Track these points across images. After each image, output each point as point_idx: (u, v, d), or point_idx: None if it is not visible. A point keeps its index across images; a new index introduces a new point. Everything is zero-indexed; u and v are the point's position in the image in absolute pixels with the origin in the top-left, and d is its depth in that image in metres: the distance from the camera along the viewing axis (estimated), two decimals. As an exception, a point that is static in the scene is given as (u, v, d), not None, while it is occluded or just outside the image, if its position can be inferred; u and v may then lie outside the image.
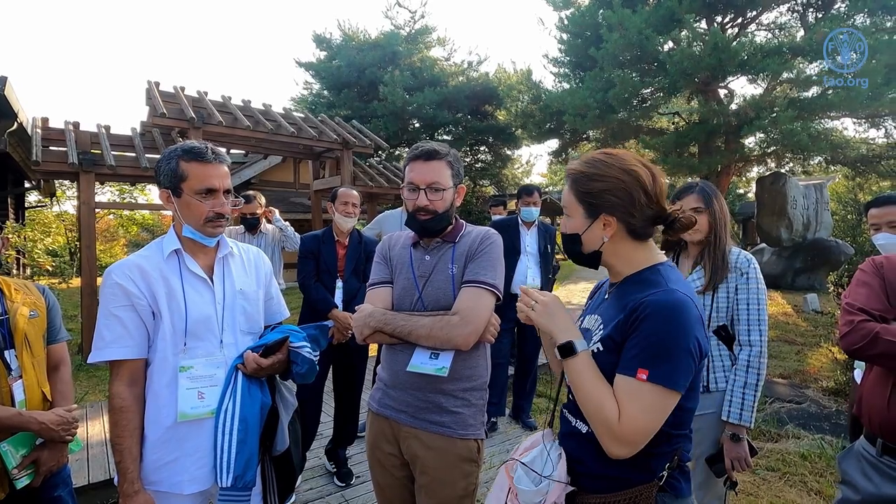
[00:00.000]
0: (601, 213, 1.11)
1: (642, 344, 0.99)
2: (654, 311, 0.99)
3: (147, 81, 6.55)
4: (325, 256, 3.02)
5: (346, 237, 3.08)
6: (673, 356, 0.97)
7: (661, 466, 1.06)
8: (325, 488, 2.97)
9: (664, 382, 0.97)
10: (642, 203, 1.09)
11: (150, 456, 1.38)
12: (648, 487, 1.04)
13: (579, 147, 15.33)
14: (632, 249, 1.14)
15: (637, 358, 0.99)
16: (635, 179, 1.09)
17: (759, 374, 1.78)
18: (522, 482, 1.13)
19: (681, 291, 1.02)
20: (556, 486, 1.08)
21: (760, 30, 12.46)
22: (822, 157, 12.86)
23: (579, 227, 1.15)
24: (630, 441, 0.98)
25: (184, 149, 1.42)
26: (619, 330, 1.05)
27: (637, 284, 1.10)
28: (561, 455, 1.13)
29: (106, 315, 1.36)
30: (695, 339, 0.99)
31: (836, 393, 4.53)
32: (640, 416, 0.97)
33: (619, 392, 1.00)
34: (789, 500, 2.88)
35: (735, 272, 1.85)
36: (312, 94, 18.24)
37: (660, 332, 0.98)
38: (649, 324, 0.99)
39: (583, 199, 1.13)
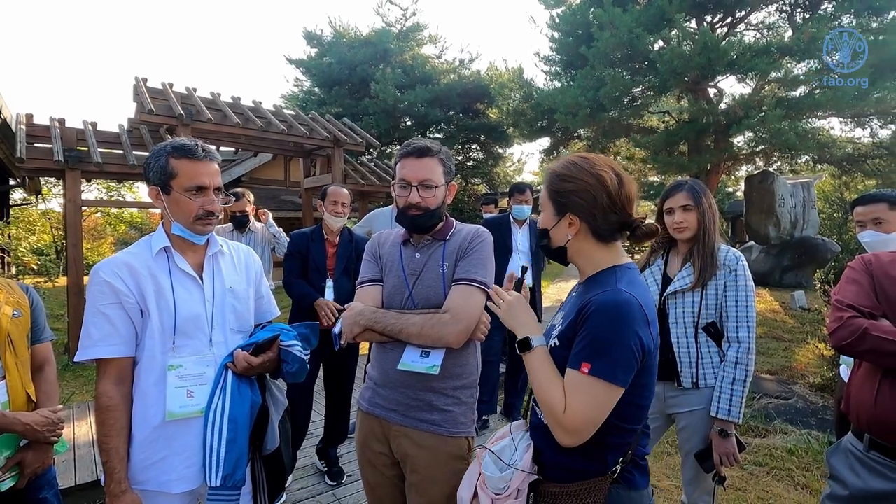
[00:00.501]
0: (567, 212, 1.18)
1: (587, 339, 1.06)
2: (597, 309, 1.07)
3: (134, 77, 6.47)
4: (314, 255, 2.97)
5: (336, 235, 3.05)
6: (613, 352, 1.04)
7: (615, 460, 1.13)
8: (316, 487, 2.96)
9: (605, 376, 1.03)
10: (605, 206, 1.15)
11: (138, 455, 1.36)
12: (602, 479, 1.12)
13: (571, 145, 15.39)
14: (595, 250, 1.20)
15: (582, 353, 1.06)
16: (600, 183, 1.15)
17: (748, 370, 1.80)
18: (489, 469, 1.21)
19: (627, 292, 1.08)
20: (519, 473, 1.16)
21: (749, 30, 12.56)
22: (809, 156, 13.02)
23: (548, 223, 1.23)
24: (574, 430, 1.05)
25: (174, 146, 1.41)
26: (571, 327, 1.13)
27: (593, 284, 1.17)
28: (529, 446, 1.21)
29: (93, 313, 1.34)
30: (636, 337, 1.05)
31: (822, 389, 4.59)
32: (583, 407, 1.04)
33: (566, 385, 1.08)
34: (777, 494, 2.92)
35: (724, 269, 1.87)
36: (303, 92, 18.13)
37: (603, 329, 1.05)
38: (593, 321, 1.06)
39: (553, 197, 1.21)
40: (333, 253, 3.03)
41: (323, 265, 2.97)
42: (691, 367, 1.87)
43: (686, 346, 1.88)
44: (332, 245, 3.04)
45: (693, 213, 1.89)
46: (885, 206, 2.04)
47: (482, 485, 1.23)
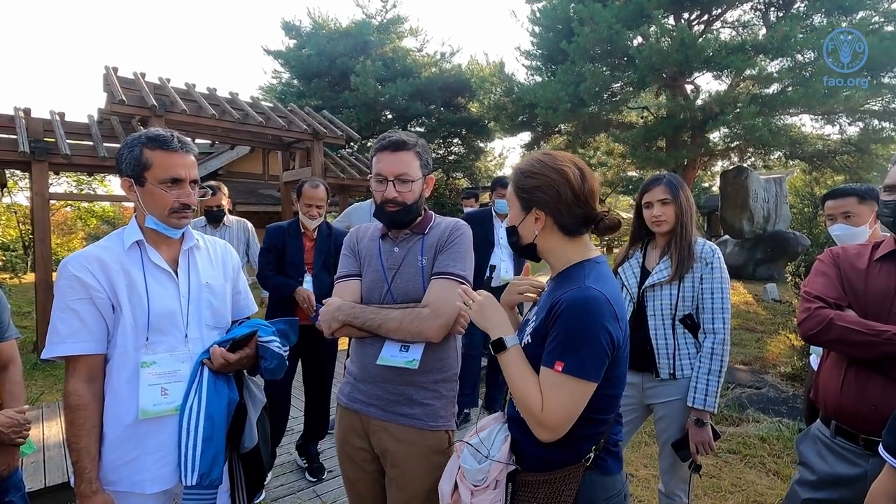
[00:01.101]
0: (532, 208, 1.20)
1: (559, 338, 1.09)
2: (567, 306, 1.09)
3: (105, 67, 6.26)
4: (291, 249, 2.91)
5: (313, 231, 3.00)
6: (584, 349, 1.06)
7: (587, 448, 1.17)
8: (297, 484, 2.93)
9: (577, 373, 1.06)
10: (569, 200, 1.18)
11: (109, 455, 1.33)
12: (576, 467, 1.16)
13: (551, 140, 15.49)
14: (563, 245, 1.23)
15: (555, 351, 1.09)
16: (563, 178, 1.18)
17: (723, 360, 1.84)
18: (467, 461, 1.22)
19: (595, 288, 1.10)
20: (497, 464, 1.19)
21: (725, 27, 12.80)
22: (781, 152, 13.38)
23: (516, 220, 1.25)
24: (552, 427, 1.08)
25: (148, 136, 1.36)
26: (543, 324, 1.15)
27: (563, 280, 1.20)
28: (507, 437, 1.23)
29: (62, 308, 1.29)
30: (606, 332, 1.07)
31: (793, 378, 4.74)
32: (559, 404, 1.07)
33: (542, 383, 1.10)
34: (749, 480, 3.00)
35: (700, 262, 1.90)
36: (282, 84, 17.80)
37: (573, 326, 1.07)
38: (563, 319, 1.09)
39: (518, 193, 1.23)
40: (311, 247, 2.97)
41: (300, 260, 2.92)
42: (669, 359, 1.91)
43: (664, 338, 1.92)
44: (310, 239, 2.99)
45: (671, 206, 1.92)
46: (855, 200, 2.10)
47: (461, 477, 1.24)
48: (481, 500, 1.18)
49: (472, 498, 1.19)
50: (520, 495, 1.18)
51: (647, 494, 2.83)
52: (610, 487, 1.19)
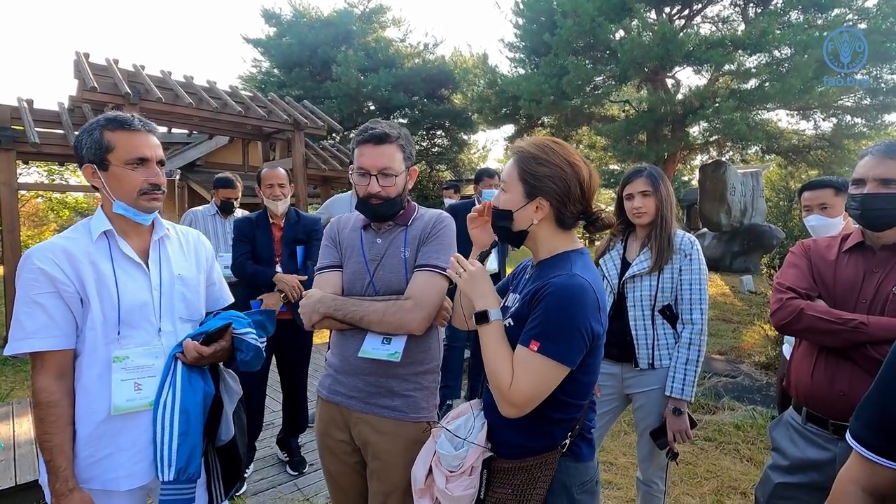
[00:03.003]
0: (538, 197, 1.17)
1: (539, 320, 1.09)
2: (553, 291, 1.09)
3: (75, 52, 6.03)
4: (260, 241, 2.79)
5: (281, 219, 2.87)
6: (564, 333, 1.07)
7: (563, 435, 1.18)
8: (277, 478, 2.91)
9: (552, 355, 1.07)
10: (576, 196, 1.17)
11: (82, 453, 1.29)
12: (552, 454, 1.16)
13: (534, 133, 15.54)
14: (554, 236, 1.22)
15: (533, 331, 1.09)
16: (575, 172, 1.17)
17: (700, 350, 1.88)
18: (444, 447, 1.22)
19: (582, 277, 1.11)
20: (474, 449, 1.19)
21: (705, 22, 12.99)
22: (758, 147, 13.67)
23: (514, 205, 1.20)
24: (517, 403, 1.09)
25: (107, 118, 1.31)
26: (525, 306, 1.15)
27: (549, 268, 1.19)
28: (483, 424, 1.24)
29: (26, 302, 1.24)
30: (587, 322, 1.09)
31: (766, 367, 4.87)
32: (528, 383, 1.08)
33: (515, 361, 1.10)
34: (724, 467, 3.08)
35: (679, 254, 1.93)
36: (262, 73, 17.49)
37: (556, 310, 1.08)
38: (547, 302, 1.09)
39: (525, 178, 1.18)
40: (280, 237, 2.86)
41: (270, 253, 2.81)
42: (648, 349, 1.93)
43: (643, 329, 1.94)
44: (279, 228, 2.87)
45: (651, 198, 1.94)
46: (832, 192, 2.15)
47: (437, 462, 1.24)
48: (456, 485, 1.18)
49: (447, 483, 1.19)
50: (495, 481, 1.18)
51: (626, 482, 2.88)
52: (583, 473, 1.20)
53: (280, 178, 2.81)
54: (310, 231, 2.91)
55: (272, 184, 2.79)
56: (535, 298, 1.12)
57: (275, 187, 2.79)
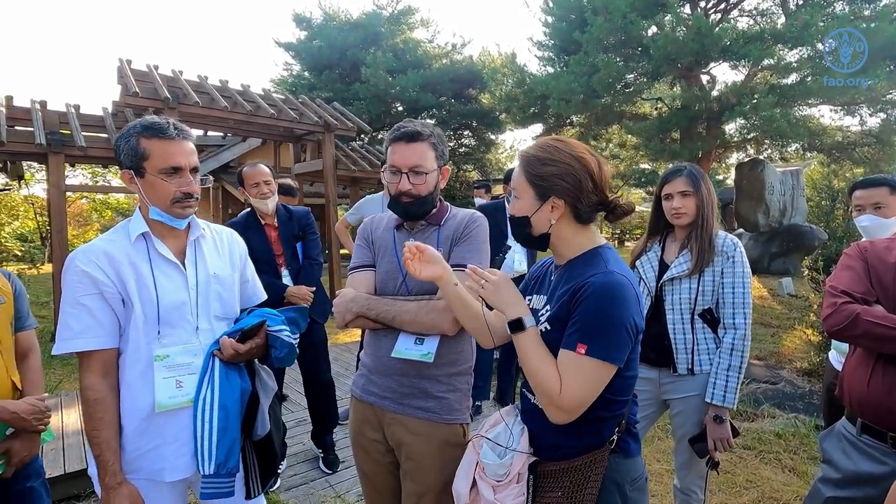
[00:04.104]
0: (550, 196, 1.17)
1: (583, 321, 1.07)
2: (594, 290, 1.07)
3: (118, 59, 6.29)
4: (257, 246, 2.58)
5: (273, 218, 2.74)
6: (610, 332, 1.06)
7: (611, 431, 1.16)
8: (309, 474, 2.95)
9: (601, 356, 1.05)
10: (589, 189, 1.16)
11: (129, 446, 1.34)
12: (601, 451, 1.14)
13: (563, 132, 15.33)
14: (575, 233, 1.21)
15: (577, 333, 1.07)
16: (584, 166, 1.16)
17: (743, 356, 1.81)
18: (488, 456, 1.20)
19: (619, 273, 1.10)
20: (519, 456, 1.17)
21: (743, 16, 12.53)
22: (799, 144, 13.12)
23: (528, 210, 1.20)
24: (568, 409, 1.07)
25: (143, 125, 1.33)
26: (563, 309, 1.13)
27: (580, 266, 1.17)
28: (523, 429, 1.22)
29: (72, 304, 1.28)
30: (631, 318, 1.08)
31: (809, 374, 4.67)
32: (579, 387, 1.06)
33: (561, 365, 1.09)
34: (765, 476, 2.97)
35: (721, 256, 1.86)
36: (293, 76, 17.83)
37: (599, 310, 1.06)
38: (589, 302, 1.07)
39: (533, 181, 1.18)
40: (276, 237, 2.75)
41: (270, 256, 2.69)
42: (687, 354, 1.87)
43: (682, 333, 1.88)
44: (273, 228, 2.75)
45: (692, 199, 1.88)
46: (887, 191, 2.03)
47: (481, 474, 1.22)
48: (506, 495, 1.16)
49: (495, 494, 1.17)
50: (543, 486, 1.16)
51: (661, 489, 2.81)
52: (633, 469, 1.18)
53: (265, 174, 2.67)
54: (304, 226, 2.83)
55: (258, 182, 2.64)
56: (575, 300, 1.10)
57: (261, 185, 2.64)
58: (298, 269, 2.77)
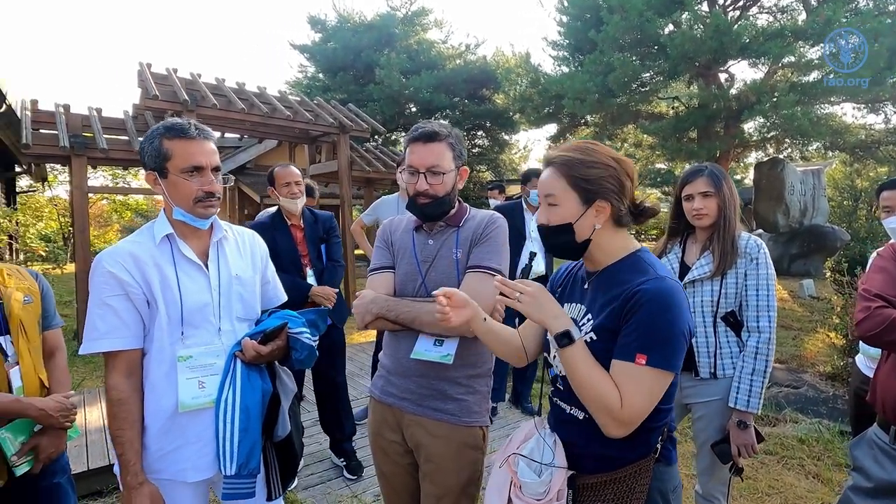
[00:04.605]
0: (596, 200, 1.13)
1: (640, 330, 1.03)
2: (649, 298, 1.04)
3: (139, 63, 6.40)
4: (282, 246, 2.67)
5: (299, 219, 2.79)
6: (669, 341, 1.03)
7: (657, 440, 1.13)
8: (327, 473, 2.97)
9: (662, 365, 1.02)
10: (630, 190, 1.15)
11: (152, 446, 1.35)
12: (647, 460, 1.11)
13: (578, 132, 15.22)
14: (613, 237, 1.17)
15: (635, 343, 1.03)
16: (623, 167, 1.14)
17: (768, 360, 1.77)
18: (526, 474, 1.14)
19: (670, 279, 1.09)
20: (559, 472, 1.12)
21: (762, 13, 12.29)
22: (820, 143, 12.83)
23: (572, 216, 1.14)
24: (630, 422, 1.03)
25: (166, 126, 1.36)
26: (613, 318, 1.08)
27: (624, 272, 1.13)
28: (556, 441, 1.17)
29: (98, 304, 1.31)
30: (685, 324, 1.05)
31: (833, 378, 4.56)
32: (640, 399, 1.02)
33: (618, 377, 1.04)
34: (788, 483, 2.90)
35: (745, 257, 1.82)
36: (307, 78, 17.95)
37: (656, 318, 1.03)
38: (646, 311, 1.03)
39: (578, 185, 1.13)
40: (302, 238, 2.79)
41: (295, 256, 2.72)
42: (709, 357, 1.84)
43: (704, 336, 1.85)
44: (299, 230, 2.79)
45: (713, 199, 1.84)
46: None
47: (517, 493, 1.16)
48: None
49: None
50: (582, 500, 1.12)
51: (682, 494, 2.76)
52: (674, 477, 1.16)
53: (296, 175, 2.73)
54: (328, 228, 2.87)
55: (289, 181, 2.69)
56: (627, 308, 1.06)
57: (292, 185, 2.69)
58: (322, 270, 2.79)
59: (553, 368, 1.26)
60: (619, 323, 1.07)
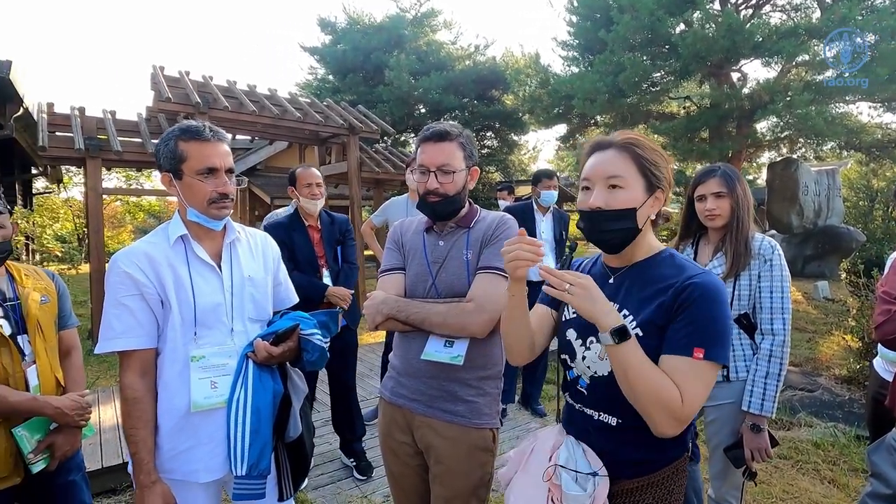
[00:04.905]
0: (657, 190, 1.11)
1: (696, 324, 1.00)
2: (703, 292, 1.01)
3: (152, 66, 6.48)
4: (300, 246, 2.70)
5: (316, 220, 2.81)
6: (722, 334, 1.01)
7: (690, 438, 1.12)
8: (337, 473, 2.98)
9: (718, 359, 1.00)
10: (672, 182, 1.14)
11: (165, 445, 1.36)
12: (683, 460, 1.09)
13: (588, 132, 15.14)
14: (649, 232, 1.15)
15: (691, 337, 1.00)
16: (667, 161, 1.13)
17: (782, 363, 1.74)
18: (571, 488, 1.08)
19: (714, 274, 1.08)
20: (604, 481, 1.07)
21: (775, 11, 12.15)
22: (835, 143, 12.65)
23: (637, 201, 1.08)
24: (687, 420, 1.00)
25: (181, 128, 1.37)
26: (661, 313, 1.04)
27: (659, 268, 1.10)
28: (586, 450, 1.12)
29: (114, 304, 1.32)
30: (730, 318, 1.05)
31: (848, 381, 4.48)
32: (701, 394, 0.99)
33: (675, 373, 1.00)
34: (802, 488, 2.86)
35: (758, 259, 1.80)
36: (317, 80, 18.08)
37: (712, 311, 1.01)
38: (700, 304, 1.01)
39: (645, 170, 1.09)
40: (319, 239, 2.81)
41: (312, 256, 2.74)
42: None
43: (717, 338, 1.83)
44: (316, 231, 2.81)
45: (726, 200, 1.82)
46: None
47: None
48: None
49: None
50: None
51: (693, 498, 2.73)
52: (700, 475, 1.16)
53: (318, 177, 2.76)
54: (344, 231, 2.89)
55: (311, 183, 2.72)
56: (680, 302, 1.02)
57: (313, 186, 2.73)
58: (338, 272, 2.81)
59: (572, 371, 1.18)
60: (668, 318, 1.03)
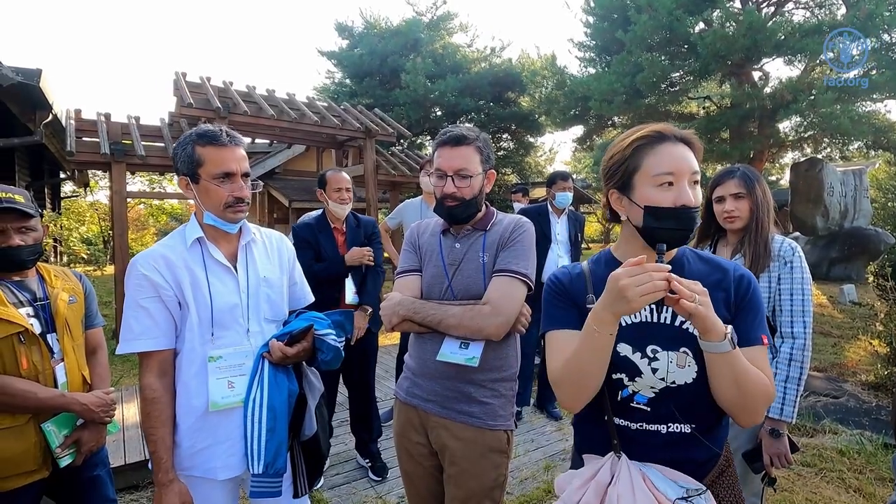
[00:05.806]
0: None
1: (758, 314, 1.08)
2: (753, 283, 1.10)
3: (174, 72, 6.64)
4: (325, 246, 2.76)
5: (342, 223, 2.88)
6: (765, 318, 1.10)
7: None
8: (352, 473, 3.00)
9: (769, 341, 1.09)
10: None
11: (184, 443, 1.39)
12: (728, 448, 1.15)
13: (605, 134, 15.01)
14: None
15: (758, 327, 1.07)
16: None
17: (803, 367, 1.70)
18: None
19: None
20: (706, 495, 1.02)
21: (798, 8, 11.90)
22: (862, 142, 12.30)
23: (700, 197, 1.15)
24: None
25: (198, 133, 1.40)
26: (721, 308, 1.06)
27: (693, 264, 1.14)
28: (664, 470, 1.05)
29: (133, 307, 1.36)
30: None
31: (876, 387, 4.35)
32: (772, 375, 1.05)
33: (758, 362, 1.03)
34: (826, 496, 2.78)
35: (779, 261, 1.76)
36: (335, 83, 18.27)
37: (761, 299, 1.10)
38: (756, 295, 1.09)
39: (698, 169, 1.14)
40: (343, 241, 2.86)
41: (337, 257, 2.80)
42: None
43: (735, 342, 1.80)
44: (341, 233, 2.86)
45: (745, 201, 1.80)
46: None
47: None
48: None
49: None
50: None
51: (712, 505, 2.68)
52: None
53: (347, 182, 2.83)
54: (370, 234, 2.93)
55: (340, 187, 2.78)
56: (740, 295, 1.08)
57: (342, 191, 2.79)
58: (364, 275, 2.84)
59: (626, 389, 1.08)
60: (731, 313, 1.07)
